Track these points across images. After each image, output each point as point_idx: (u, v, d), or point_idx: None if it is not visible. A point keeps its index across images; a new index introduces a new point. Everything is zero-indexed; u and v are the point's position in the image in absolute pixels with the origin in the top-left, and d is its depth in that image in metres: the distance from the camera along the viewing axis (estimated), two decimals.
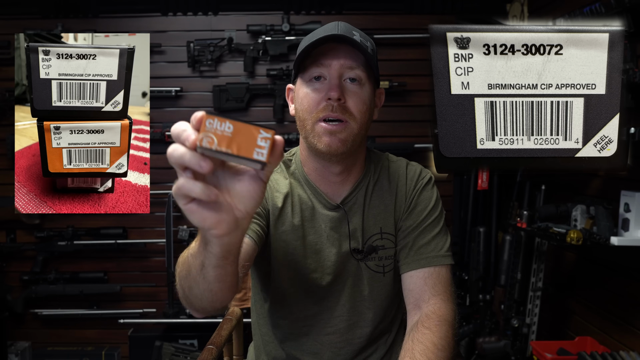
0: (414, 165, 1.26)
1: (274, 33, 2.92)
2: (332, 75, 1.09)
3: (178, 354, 2.77)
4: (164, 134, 2.93)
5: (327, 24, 1.12)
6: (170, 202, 2.93)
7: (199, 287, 0.81)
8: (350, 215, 1.19)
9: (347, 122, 1.09)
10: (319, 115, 1.09)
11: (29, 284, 3.00)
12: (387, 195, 1.22)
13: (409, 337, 1.11)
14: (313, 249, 1.18)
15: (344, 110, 1.09)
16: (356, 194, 1.20)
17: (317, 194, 1.19)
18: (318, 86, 1.10)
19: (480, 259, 2.78)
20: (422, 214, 1.21)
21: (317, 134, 1.10)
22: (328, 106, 1.08)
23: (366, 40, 1.11)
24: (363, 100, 1.11)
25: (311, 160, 1.18)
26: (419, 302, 1.16)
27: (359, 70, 1.10)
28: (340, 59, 1.09)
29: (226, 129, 0.59)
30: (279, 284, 1.20)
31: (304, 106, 1.11)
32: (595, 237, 1.95)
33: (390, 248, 1.21)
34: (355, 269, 1.20)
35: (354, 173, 1.20)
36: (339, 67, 1.09)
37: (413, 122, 2.99)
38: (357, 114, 1.10)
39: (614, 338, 2.15)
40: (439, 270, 1.18)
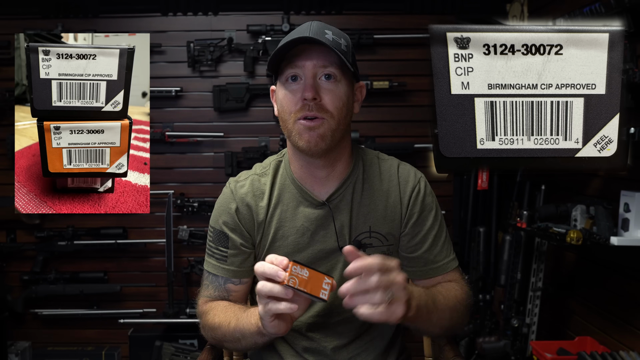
0: (406, 167, 1.27)
1: (274, 33, 2.92)
2: (306, 76, 1.12)
3: (178, 354, 2.77)
4: (164, 134, 2.93)
5: (301, 25, 1.15)
6: (170, 202, 2.93)
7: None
8: (337, 212, 1.21)
9: (323, 119, 1.12)
10: (298, 115, 1.12)
11: (29, 284, 3.00)
12: (377, 194, 1.22)
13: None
14: (296, 248, 1.21)
15: (320, 108, 1.11)
16: (343, 191, 1.21)
17: (303, 192, 1.21)
18: (295, 87, 1.13)
19: (480, 259, 2.78)
20: (428, 220, 1.23)
21: (297, 132, 1.13)
22: (305, 106, 1.11)
23: (339, 37, 1.13)
24: (339, 96, 1.13)
25: (296, 159, 1.21)
26: None
27: (332, 68, 1.12)
28: (313, 59, 1.11)
29: (304, 274, 0.92)
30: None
31: (284, 107, 1.15)
32: (595, 237, 1.95)
33: (378, 246, 1.22)
34: (342, 266, 1.20)
35: (339, 168, 1.21)
36: (312, 67, 1.11)
37: (413, 122, 2.99)
38: (334, 110, 1.13)
39: (614, 338, 2.15)
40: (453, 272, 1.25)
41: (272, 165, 1.26)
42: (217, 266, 1.22)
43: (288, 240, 1.21)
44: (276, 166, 1.26)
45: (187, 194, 3.01)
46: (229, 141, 3.03)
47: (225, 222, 1.23)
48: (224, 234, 1.22)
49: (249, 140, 3.03)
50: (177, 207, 2.97)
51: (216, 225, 1.24)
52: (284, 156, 1.27)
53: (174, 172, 3.06)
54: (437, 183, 1.28)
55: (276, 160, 1.27)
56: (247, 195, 1.23)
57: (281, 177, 1.24)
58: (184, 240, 2.93)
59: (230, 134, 3.03)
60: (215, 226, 1.24)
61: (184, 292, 2.98)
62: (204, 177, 3.06)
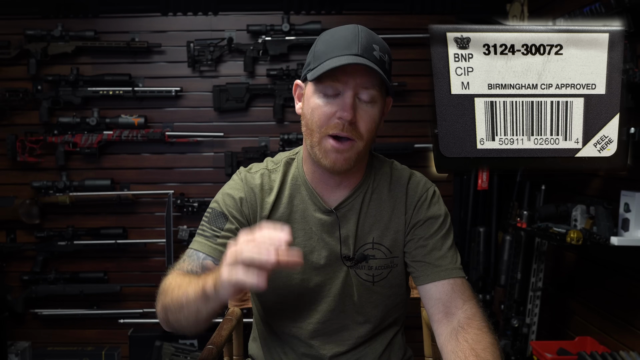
0: (417, 176, 1.24)
1: (274, 33, 2.92)
2: (346, 95, 1.06)
3: (178, 354, 2.77)
4: (164, 134, 2.93)
5: (346, 29, 1.09)
6: (170, 202, 2.93)
7: (188, 322, 1.03)
8: (344, 221, 1.18)
9: (354, 141, 1.08)
10: (329, 132, 1.08)
11: (29, 284, 3.00)
12: (384, 205, 1.20)
13: (457, 340, 1.07)
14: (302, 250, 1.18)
15: (353, 130, 1.07)
16: (352, 200, 1.19)
17: (313, 196, 1.19)
18: (331, 101, 1.07)
19: (480, 259, 2.78)
20: (436, 224, 1.19)
21: (323, 149, 1.09)
22: (339, 124, 1.07)
23: (385, 53, 1.08)
24: (373, 119, 1.09)
25: (310, 164, 1.18)
26: (451, 308, 1.13)
27: (373, 91, 1.07)
28: (357, 78, 1.06)
29: None
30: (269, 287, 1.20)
31: (314, 118, 1.09)
32: (595, 237, 1.95)
33: (381, 259, 1.20)
34: (345, 275, 1.19)
35: (352, 178, 1.19)
36: (355, 86, 1.06)
37: (413, 122, 2.98)
38: (365, 133, 1.09)
39: (614, 338, 2.15)
40: (462, 280, 1.17)
41: (283, 162, 1.23)
42: (204, 243, 1.15)
43: (294, 242, 1.17)
44: (287, 164, 1.23)
45: (187, 194, 3.01)
46: (229, 141, 3.03)
47: (227, 206, 1.18)
48: (224, 215, 1.17)
49: (249, 140, 3.03)
50: (177, 207, 2.97)
51: (217, 207, 1.19)
52: (297, 154, 1.24)
53: (174, 172, 3.06)
54: (437, 183, 1.27)
55: (288, 157, 1.24)
56: (256, 188, 1.19)
57: (293, 176, 1.21)
58: (184, 240, 2.93)
59: (230, 134, 3.02)
60: (215, 207, 1.19)
61: None
62: (204, 177, 3.06)
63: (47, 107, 2.92)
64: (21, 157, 2.92)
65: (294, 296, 1.20)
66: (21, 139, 2.93)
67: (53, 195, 2.92)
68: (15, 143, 2.92)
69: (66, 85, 2.93)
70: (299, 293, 1.20)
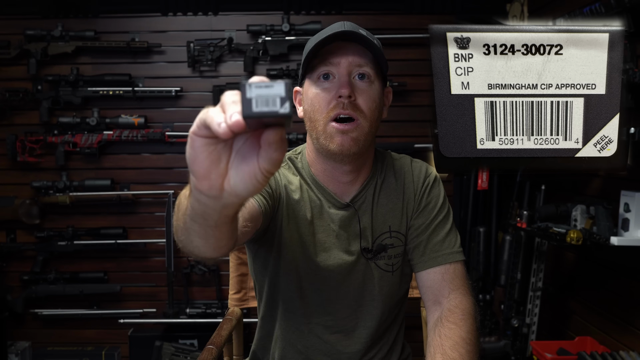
0: (418, 162, 1.26)
1: (274, 33, 2.92)
2: (341, 73, 1.08)
3: (178, 354, 2.77)
4: (164, 134, 2.93)
5: (333, 24, 1.11)
6: (170, 202, 2.93)
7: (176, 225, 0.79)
8: (360, 214, 1.19)
9: (358, 121, 1.08)
10: (330, 114, 1.08)
11: (29, 284, 3.00)
12: (394, 193, 1.21)
13: (434, 334, 1.11)
14: (322, 247, 1.18)
15: (354, 107, 1.08)
16: (365, 193, 1.20)
17: (326, 194, 1.18)
18: (327, 85, 1.09)
19: (480, 259, 2.78)
20: (433, 211, 1.21)
21: (329, 134, 1.09)
22: (339, 104, 1.07)
23: (373, 38, 1.10)
24: (373, 97, 1.10)
25: (320, 162, 1.17)
26: (439, 297, 1.17)
27: (367, 68, 1.09)
28: (349, 56, 1.08)
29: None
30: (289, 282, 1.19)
31: (315, 106, 1.10)
32: (595, 237, 1.95)
33: (399, 246, 1.21)
34: (365, 269, 1.20)
35: (363, 173, 1.19)
36: (348, 64, 1.08)
37: (413, 122, 2.98)
38: (368, 112, 1.09)
39: (614, 338, 2.15)
40: (455, 266, 1.19)
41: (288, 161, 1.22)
42: None
43: (316, 237, 1.17)
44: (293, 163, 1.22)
45: None
46: None
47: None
48: None
49: None
50: None
51: None
52: (299, 154, 1.23)
53: (174, 172, 3.06)
54: None
55: (292, 156, 1.23)
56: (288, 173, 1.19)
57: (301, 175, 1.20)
58: None
59: None
60: None
61: (184, 292, 2.98)
62: None
63: (47, 107, 2.92)
64: (21, 157, 2.92)
65: (315, 294, 1.20)
66: (21, 139, 2.93)
67: (53, 195, 2.92)
68: (15, 143, 2.92)
69: (66, 85, 2.93)
70: (320, 290, 1.20)
